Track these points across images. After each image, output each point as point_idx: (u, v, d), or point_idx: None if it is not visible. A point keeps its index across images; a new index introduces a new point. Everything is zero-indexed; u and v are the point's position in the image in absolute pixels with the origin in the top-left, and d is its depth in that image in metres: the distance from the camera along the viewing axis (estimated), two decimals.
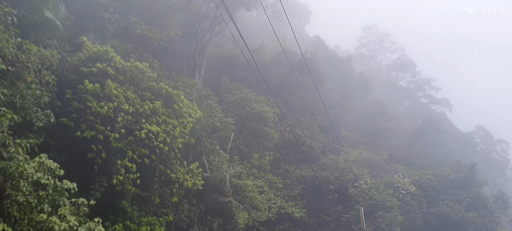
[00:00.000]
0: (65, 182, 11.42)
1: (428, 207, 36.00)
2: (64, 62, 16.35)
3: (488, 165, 66.20)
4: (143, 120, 15.89)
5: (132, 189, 15.04)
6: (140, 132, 15.43)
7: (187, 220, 17.82)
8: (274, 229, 26.45)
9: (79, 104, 15.09)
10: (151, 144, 15.70)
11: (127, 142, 15.27)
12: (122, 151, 15.14)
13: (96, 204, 13.88)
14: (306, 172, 32.88)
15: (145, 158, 15.56)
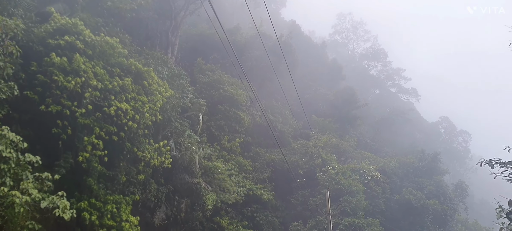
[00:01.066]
0: (28, 156, 11.14)
1: (392, 193, 37.27)
2: (30, 33, 15.70)
3: (450, 154, 68.94)
4: (112, 96, 15.56)
5: (99, 167, 14.80)
6: (109, 109, 15.11)
7: (154, 199, 17.76)
8: (242, 210, 26.76)
9: (44, 78, 14.58)
10: (120, 121, 15.43)
11: (95, 119, 14.95)
12: (89, 128, 14.82)
13: (61, 180, 13.64)
14: (276, 155, 33.27)
15: (113, 135, 15.29)
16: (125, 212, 15.59)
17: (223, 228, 23.20)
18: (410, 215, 35.78)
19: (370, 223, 30.13)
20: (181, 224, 20.07)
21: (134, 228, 15.70)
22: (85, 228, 14.44)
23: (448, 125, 78.96)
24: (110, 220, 14.79)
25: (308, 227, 29.21)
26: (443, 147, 65.63)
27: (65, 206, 11.76)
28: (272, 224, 28.79)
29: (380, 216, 33.65)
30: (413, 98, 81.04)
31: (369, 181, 35.33)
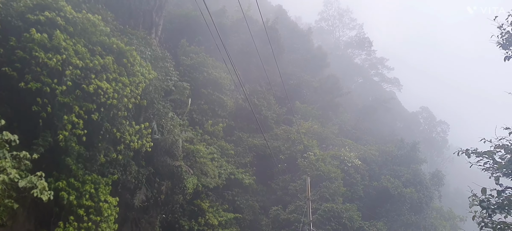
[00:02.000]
0: (6, 134, 10.94)
1: (370, 180, 38.02)
2: (9, 7, 15.21)
3: (428, 144, 70.38)
4: (92, 75, 15.29)
5: (77, 146, 14.63)
6: (89, 87, 14.88)
7: (134, 181, 17.69)
8: (223, 194, 26.93)
9: (24, 54, 14.21)
10: (99, 100, 15.23)
11: (75, 97, 14.71)
12: (68, 106, 14.59)
13: (40, 159, 13.47)
14: (259, 140, 33.44)
15: (92, 115, 15.09)
16: (104, 193, 15.52)
17: (203, 211, 23.34)
18: (387, 202, 36.62)
19: (348, 209, 30.74)
20: (161, 206, 20.10)
21: (113, 209, 15.66)
22: (63, 208, 14.33)
23: (428, 115, 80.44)
24: (89, 201, 14.71)
25: (288, 212, 29.62)
26: (422, 137, 66.93)
27: (43, 187, 11.64)
28: (252, 208, 29.09)
29: (358, 202, 34.37)
30: (395, 88, 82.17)
31: (349, 168, 35.93)
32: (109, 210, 15.41)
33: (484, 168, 8.90)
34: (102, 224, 15.01)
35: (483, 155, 8.95)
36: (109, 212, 15.38)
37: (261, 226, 29.24)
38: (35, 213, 14.32)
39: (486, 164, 8.89)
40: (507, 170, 8.44)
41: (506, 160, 8.50)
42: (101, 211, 15.10)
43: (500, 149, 8.84)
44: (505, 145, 8.76)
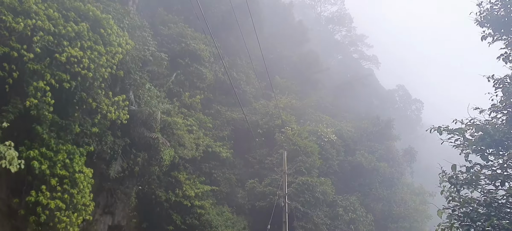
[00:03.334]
0: None
1: (345, 155, 38.83)
2: None
3: (403, 121, 71.98)
4: (65, 42, 14.76)
5: (50, 115, 14.23)
6: (61, 55, 14.37)
7: (110, 151, 17.44)
8: (200, 166, 26.97)
9: None
10: (73, 69, 14.77)
11: (46, 64, 14.20)
12: (39, 74, 14.09)
13: (10, 127, 13.09)
14: (237, 114, 33.41)
15: (65, 83, 14.64)
16: (79, 163, 15.27)
17: (180, 183, 23.36)
18: (361, 177, 37.63)
19: (322, 183, 31.40)
20: (138, 177, 19.98)
21: (88, 179, 15.47)
22: (36, 177, 14.04)
23: (404, 93, 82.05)
24: (62, 170, 14.45)
25: (264, 185, 30.02)
26: (397, 114, 68.29)
27: (12, 157, 11.34)
28: (229, 180, 29.32)
29: (333, 176, 35.14)
30: (373, 66, 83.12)
31: (325, 143, 36.51)
32: (85, 181, 15.21)
33: (455, 145, 9.19)
34: (77, 194, 14.82)
35: (454, 132, 9.21)
36: (84, 183, 15.19)
37: (237, 198, 29.59)
38: (6, 181, 14.00)
39: (457, 141, 9.17)
40: (476, 147, 8.74)
41: (476, 137, 8.79)
42: (76, 182, 14.89)
43: (471, 127, 9.11)
44: (476, 124, 9.03)
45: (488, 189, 8.41)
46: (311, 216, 29.73)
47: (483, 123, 8.97)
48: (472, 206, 8.37)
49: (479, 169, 8.77)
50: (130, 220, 20.43)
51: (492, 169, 8.52)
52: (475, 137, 8.91)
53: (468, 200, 8.49)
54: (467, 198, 8.54)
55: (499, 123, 8.96)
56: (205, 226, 23.48)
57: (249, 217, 29.32)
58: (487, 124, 8.86)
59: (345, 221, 31.94)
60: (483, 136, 8.63)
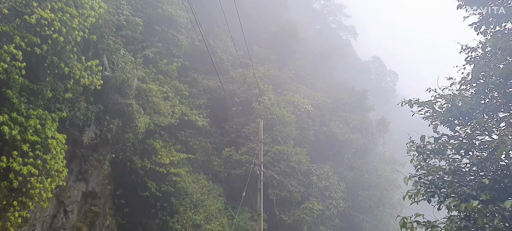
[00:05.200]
0: None
1: (321, 126, 39.48)
2: None
3: (377, 92, 73.29)
4: (35, 3, 14.11)
5: (20, 79, 13.75)
6: (30, 17, 13.77)
7: (83, 118, 17.09)
8: (176, 134, 26.88)
9: None
10: (44, 32, 14.20)
11: (15, 26, 13.60)
12: (8, 36, 13.50)
13: None
14: (214, 83, 33.19)
15: (36, 48, 14.12)
16: (51, 129, 14.92)
17: (156, 151, 23.28)
18: (335, 147, 38.48)
19: (298, 152, 31.96)
20: (112, 144, 19.75)
21: (61, 145, 15.18)
22: (6, 142, 13.68)
23: (379, 65, 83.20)
24: (34, 136, 14.10)
25: (240, 153, 30.32)
26: (372, 85, 69.49)
27: None
28: (205, 149, 29.42)
29: (308, 146, 35.79)
30: (351, 36, 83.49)
31: (301, 113, 36.95)
32: (58, 147, 14.93)
33: (425, 117, 9.47)
34: (50, 160, 14.56)
35: (424, 104, 9.48)
36: (58, 149, 14.91)
37: (213, 166, 29.82)
38: None
39: (426, 113, 9.45)
40: (445, 118, 9.04)
41: (444, 109, 9.08)
42: (48, 148, 14.59)
43: (440, 98, 9.38)
44: (446, 95, 9.31)
45: (454, 158, 8.77)
46: (286, 184, 30.39)
47: (452, 96, 9.27)
48: (438, 174, 8.74)
49: (446, 139, 9.11)
50: (105, 187, 20.33)
51: (459, 139, 8.87)
52: (443, 108, 9.22)
53: (434, 168, 8.85)
54: (433, 166, 8.89)
55: (467, 95, 9.28)
56: (181, 193, 23.66)
57: (224, 184, 29.70)
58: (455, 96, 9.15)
59: (318, 189, 32.82)
60: (451, 108, 8.93)
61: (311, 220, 30.68)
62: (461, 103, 8.79)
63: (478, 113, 8.91)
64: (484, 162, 8.03)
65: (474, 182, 7.99)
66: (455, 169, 8.54)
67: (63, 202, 16.94)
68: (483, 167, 8.02)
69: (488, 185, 7.55)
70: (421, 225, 8.34)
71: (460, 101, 8.85)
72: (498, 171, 7.87)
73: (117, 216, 21.75)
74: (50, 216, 16.14)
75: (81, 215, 18.21)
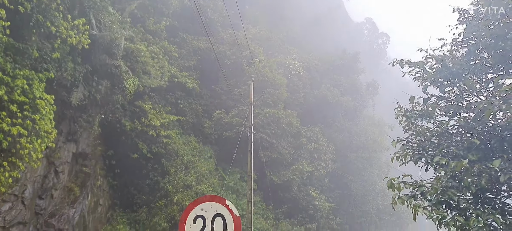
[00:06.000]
0: None
1: (311, 88, 39.50)
2: None
3: (369, 54, 72.95)
4: None
5: (4, 38, 13.36)
6: None
7: (71, 78, 16.80)
8: (166, 96, 26.71)
9: None
10: None
11: None
12: None
13: None
14: (204, 44, 32.69)
15: (19, 6, 13.63)
16: (39, 90, 14.68)
17: (145, 112, 23.15)
18: (325, 109, 38.66)
19: (288, 115, 32.12)
20: (101, 105, 19.56)
21: (50, 106, 15.00)
22: None
23: (371, 27, 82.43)
24: (21, 96, 13.88)
25: (231, 116, 30.36)
26: (363, 47, 69.07)
27: None
28: (195, 111, 29.38)
29: (299, 108, 35.92)
30: None
31: (292, 75, 36.83)
32: (47, 107, 14.75)
33: (415, 77, 9.49)
34: (39, 121, 14.42)
35: (415, 65, 9.47)
36: (47, 109, 14.74)
37: (204, 128, 29.90)
38: None
39: (417, 74, 9.46)
40: (435, 79, 9.07)
41: (435, 70, 9.09)
42: (37, 108, 14.41)
43: (431, 59, 9.37)
44: (437, 56, 9.29)
45: (441, 120, 8.87)
46: (276, 146, 30.71)
47: (443, 56, 9.25)
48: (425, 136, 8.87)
49: (435, 101, 9.18)
50: (95, 148, 20.32)
51: (447, 101, 8.95)
52: (434, 69, 9.23)
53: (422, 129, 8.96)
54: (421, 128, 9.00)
55: (458, 55, 9.27)
56: (171, 155, 23.80)
57: (215, 146, 29.91)
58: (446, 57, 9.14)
59: (308, 151, 33.26)
60: (441, 68, 8.94)
61: (300, 180, 31.28)
62: (451, 64, 8.79)
63: (468, 75, 8.94)
64: (471, 123, 8.14)
65: (461, 143, 8.12)
66: (443, 131, 8.66)
67: (54, 162, 16.93)
68: (470, 128, 8.13)
69: (475, 145, 7.70)
70: (408, 185, 8.52)
71: (451, 62, 8.85)
72: (484, 132, 7.99)
73: (108, 176, 21.90)
74: (41, 177, 16.17)
75: (72, 176, 18.28)
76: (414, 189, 8.45)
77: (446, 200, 7.53)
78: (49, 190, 16.41)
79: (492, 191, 7.93)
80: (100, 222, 20.29)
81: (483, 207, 7.62)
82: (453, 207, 7.85)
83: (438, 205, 7.65)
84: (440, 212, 7.47)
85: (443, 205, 7.77)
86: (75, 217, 17.06)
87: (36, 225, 15.49)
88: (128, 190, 22.94)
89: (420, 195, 8.22)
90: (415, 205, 7.58)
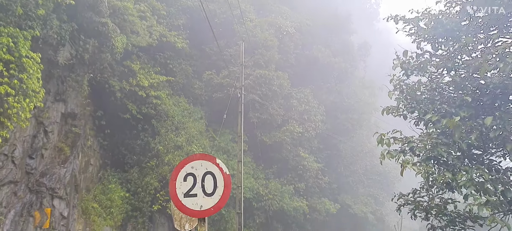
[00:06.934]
0: None
1: (303, 49, 39.20)
2: None
3: (361, 15, 71.99)
4: None
5: None
6: None
7: (57, 37, 16.33)
8: (155, 56, 26.25)
9: None
10: None
11: None
12: None
13: None
14: (193, 2, 31.88)
15: None
16: (24, 48, 14.28)
17: (134, 72, 22.80)
18: (316, 71, 38.59)
19: (279, 76, 32.01)
20: (89, 65, 19.14)
21: (37, 65, 14.65)
22: None
23: None
24: (7, 55, 13.50)
25: (221, 77, 30.15)
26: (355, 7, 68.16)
27: None
28: (185, 71, 29.05)
29: (290, 70, 35.77)
30: None
31: (283, 36, 36.39)
32: (34, 66, 14.41)
33: (408, 34, 9.41)
34: (27, 80, 14.11)
35: (410, 21, 9.38)
36: (34, 68, 14.40)
37: (194, 89, 29.72)
38: None
39: (411, 30, 9.37)
40: (429, 36, 9.01)
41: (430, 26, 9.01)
42: (23, 67, 14.06)
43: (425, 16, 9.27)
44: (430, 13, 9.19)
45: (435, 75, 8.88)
46: (267, 107, 30.77)
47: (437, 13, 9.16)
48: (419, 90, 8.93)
49: (429, 57, 9.16)
50: (84, 108, 20.09)
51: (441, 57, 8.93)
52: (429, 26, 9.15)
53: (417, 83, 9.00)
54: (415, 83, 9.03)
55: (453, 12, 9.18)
56: (162, 116, 23.70)
57: (206, 107, 29.86)
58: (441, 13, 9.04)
59: (298, 112, 33.44)
60: (435, 25, 8.87)
61: (290, 141, 31.60)
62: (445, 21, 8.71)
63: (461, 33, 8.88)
64: (464, 81, 8.16)
65: (453, 100, 8.17)
66: (436, 86, 8.70)
67: (43, 122, 16.74)
68: (464, 85, 8.17)
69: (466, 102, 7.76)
70: (397, 141, 8.63)
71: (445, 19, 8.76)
72: (477, 90, 8.04)
73: (99, 137, 21.81)
74: (30, 136, 16.02)
75: (62, 136, 18.15)
76: (404, 145, 8.57)
77: (435, 156, 7.66)
78: (39, 149, 16.32)
79: (480, 148, 8.08)
80: (91, 182, 20.40)
81: (471, 163, 7.78)
82: (441, 163, 8.00)
83: (427, 161, 7.79)
84: (428, 168, 7.61)
85: (431, 161, 7.91)
86: (66, 177, 17.09)
87: (27, 184, 15.50)
88: (119, 150, 22.95)
89: (409, 151, 8.35)
90: (404, 161, 7.70)
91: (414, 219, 9.69)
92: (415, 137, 8.74)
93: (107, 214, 19.57)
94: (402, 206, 9.68)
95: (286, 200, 28.27)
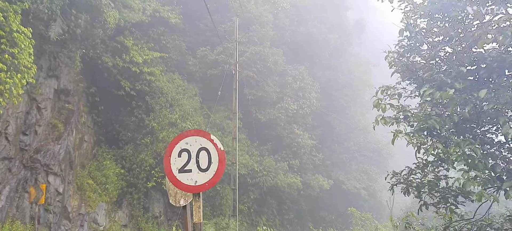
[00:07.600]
0: None
1: (298, 26, 38.87)
2: None
3: None
4: None
5: None
6: None
7: (47, 11, 16.01)
8: (148, 32, 25.88)
9: None
10: None
11: None
12: None
13: None
14: None
15: None
16: (15, 22, 14.00)
17: (127, 48, 22.49)
18: (311, 47, 38.36)
19: (274, 53, 31.83)
20: (81, 40, 18.87)
21: (28, 39, 14.40)
22: None
23: None
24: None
25: (216, 53, 29.92)
26: None
27: None
28: (179, 48, 28.77)
29: (285, 46, 35.55)
30: None
31: (278, 11, 36.00)
32: (26, 41, 14.17)
33: (404, 11, 9.33)
34: (18, 55, 13.90)
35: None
36: (25, 43, 14.16)
37: (188, 66, 29.51)
38: None
39: (407, 8, 9.29)
40: (425, 12, 8.94)
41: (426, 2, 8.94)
42: (14, 42, 13.82)
43: None
44: None
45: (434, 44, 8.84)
46: (262, 84, 30.70)
47: None
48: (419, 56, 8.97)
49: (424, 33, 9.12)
50: (77, 85, 19.89)
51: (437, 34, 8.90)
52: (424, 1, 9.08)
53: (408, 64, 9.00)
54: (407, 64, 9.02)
55: None
56: (156, 92, 23.55)
57: (200, 84, 29.70)
58: None
59: (293, 89, 33.40)
60: (432, 1, 8.80)
61: (285, 118, 31.68)
62: None
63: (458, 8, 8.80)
64: (461, 53, 8.15)
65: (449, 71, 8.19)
66: (434, 55, 8.71)
67: (35, 99, 16.60)
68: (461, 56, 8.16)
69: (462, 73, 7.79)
70: (394, 108, 8.69)
71: None
72: (473, 62, 8.04)
73: (92, 113, 21.68)
74: (24, 113, 15.91)
75: (55, 112, 18.03)
76: (398, 113, 8.62)
77: (428, 127, 7.73)
78: (33, 126, 16.23)
79: (474, 121, 8.14)
80: (86, 158, 20.41)
81: (463, 136, 7.84)
82: (434, 135, 8.07)
83: (419, 132, 7.85)
84: (421, 138, 7.68)
85: (424, 132, 7.99)
86: (60, 153, 17.06)
87: (21, 160, 15.47)
88: (113, 127, 22.88)
89: (403, 119, 8.41)
90: (396, 131, 7.76)
91: (407, 195, 9.81)
92: (411, 106, 8.80)
93: (102, 190, 19.66)
94: (395, 185, 9.79)
95: (280, 177, 28.55)
